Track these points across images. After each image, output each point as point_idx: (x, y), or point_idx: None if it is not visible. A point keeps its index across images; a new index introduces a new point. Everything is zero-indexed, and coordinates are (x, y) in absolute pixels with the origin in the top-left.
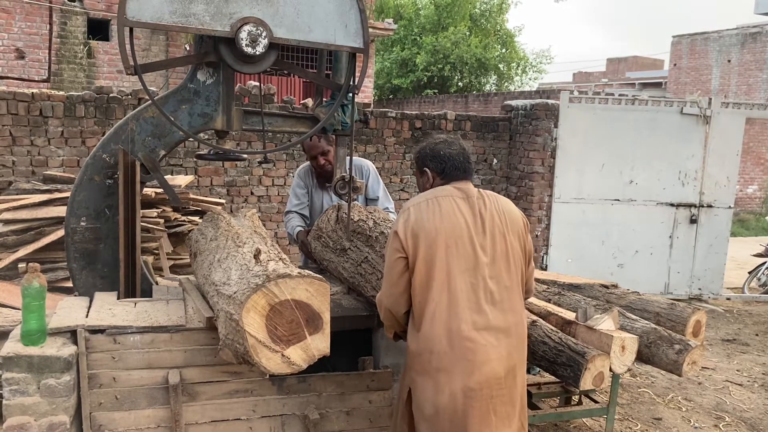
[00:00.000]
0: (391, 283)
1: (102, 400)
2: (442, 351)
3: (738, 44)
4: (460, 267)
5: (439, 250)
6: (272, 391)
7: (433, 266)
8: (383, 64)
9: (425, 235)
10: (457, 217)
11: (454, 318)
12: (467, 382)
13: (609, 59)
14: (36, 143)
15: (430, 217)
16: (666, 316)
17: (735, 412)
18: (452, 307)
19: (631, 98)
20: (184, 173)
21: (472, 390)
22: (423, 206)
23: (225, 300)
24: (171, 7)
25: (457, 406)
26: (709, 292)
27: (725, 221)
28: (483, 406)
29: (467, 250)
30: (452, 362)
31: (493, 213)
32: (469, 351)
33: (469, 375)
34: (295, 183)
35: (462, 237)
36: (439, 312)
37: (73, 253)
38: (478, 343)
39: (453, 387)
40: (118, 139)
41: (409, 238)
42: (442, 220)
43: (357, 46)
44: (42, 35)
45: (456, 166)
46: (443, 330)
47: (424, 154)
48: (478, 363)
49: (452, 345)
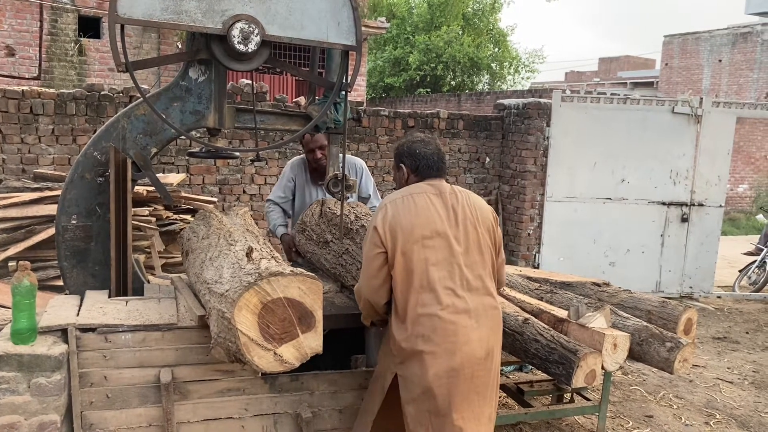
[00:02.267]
0: (370, 276)
1: (93, 398)
2: (426, 335)
3: (729, 44)
4: (436, 257)
5: (416, 243)
6: (264, 390)
7: (411, 258)
8: (376, 62)
9: (402, 230)
10: (431, 212)
11: (435, 304)
12: (451, 363)
13: (601, 59)
14: (26, 141)
15: (406, 212)
16: (657, 314)
17: (725, 410)
18: (432, 294)
19: (623, 97)
20: (176, 171)
21: (454, 370)
22: (399, 203)
23: (217, 298)
24: (163, 4)
25: (442, 385)
26: (700, 290)
27: (716, 220)
28: (465, 385)
29: (442, 242)
30: (437, 344)
31: (464, 206)
32: (452, 333)
33: (452, 355)
34: (285, 174)
35: (436, 230)
36: (420, 300)
37: (64, 251)
38: (459, 325)
39: (438, 368)
40: (109, 137)
41: (388, 233)
42: (418, 215)
43: (349, 44)
44: (32, 32)
45: (429, 165)
46: (426, 316)
47: (402, 151)
48: (460, 344)
49: (435, 329)
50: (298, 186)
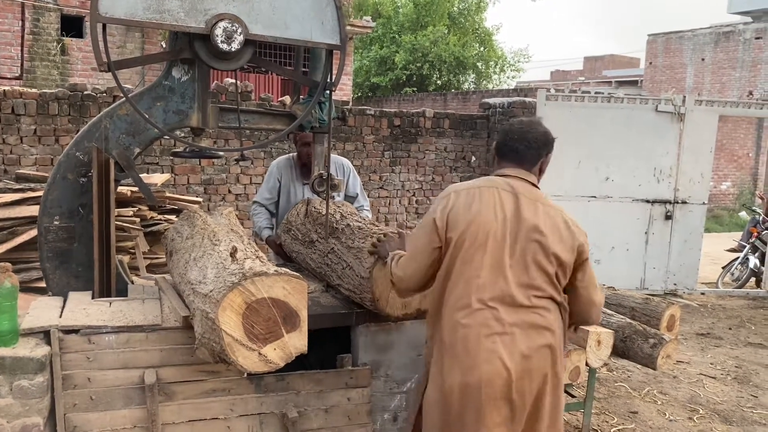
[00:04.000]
0: (418, 269)
1: (77, 401)
2: (448, 341)
3: (712, 43)
4: (484, 262)
5: (467, 241)
6: (250, 390)
7: (457, 256)
8: (362, 62)
9: (457, 224)
10: (495, 212)
11: (467, 313)
12: (466, 378)
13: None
14: (8, 141)
15: (468, 207)
16: (641, 310)
17: (708, 405)
18: (467, 300)
19: (607, 96)
20: (161, 171)
21: (469, 386)
22: (463, 195)
23: (201, 299)
24: (145, 3)
25: (452, 400)
26: (684, 287)
27: (699, 217)
28: (481, 405)
29: (495, 247)
30: (455, 355)
31: (537, 220)
32: (472, 348)
33: (470, 371)
34: (272, 174)
35: (493, 233)
36: (454, 303)
37: (47, 252)
38: (484, 341)
39: (452, 380)
40: (91, 137)
41: (446, 227)
42: (480, 212)
43: (334, 43)
44: (14, 32)
45: (507, 144)
46: (452, 321)
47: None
48: (480, 361)
49: (456, 337)
50: (284, 185)
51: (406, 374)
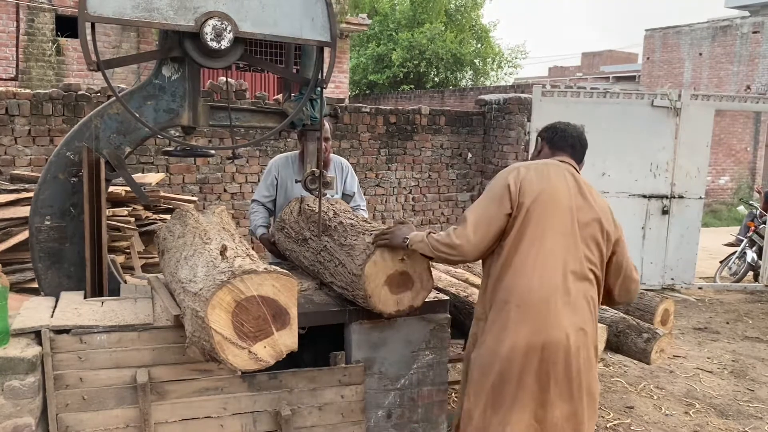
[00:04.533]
0: (485, 235)
1: (69, 401)
2: (515, 304)
3: (709, 37)
4: (554, 229)
5: (539, 207)
6: (243, 388)
7: (530, 222)
8: (359, 60)
9: (530, 191)
10: (562, 184)
11: (538, 276)
12: (531, 340)
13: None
14: (2, 142)
15: (539, 177)
16: (635, 305)
17: (705, 399)
18: (538, 265)
19: (603, 91)
20: (156, 171)
21: (533, 348)
22: (532, 167)
23: (191, 297)
24: (133, 1)
25: (514, 360)
26: (682, 281)
27: (696, 212)
28: (542, 369)
29: (565, 216)
30: (523, 317)
31: (594, 195)
32: (543, 310)
33: (534, 334)
34: (270, 172)
35: (564, 203)
36: (524, 266)
37: (38, 252)
38: (553, 307)
39: (516, 340)
40: (82, 137)
41: (518, 191)
42: (549, 182)
43: (324, 39)
44: (9, 33)
45: (565, 138)
46: (524, 284)
47: (543, 128)
48: (548, 326)
49: (527, 301)
50: (281, 183)
51: (399, 371)
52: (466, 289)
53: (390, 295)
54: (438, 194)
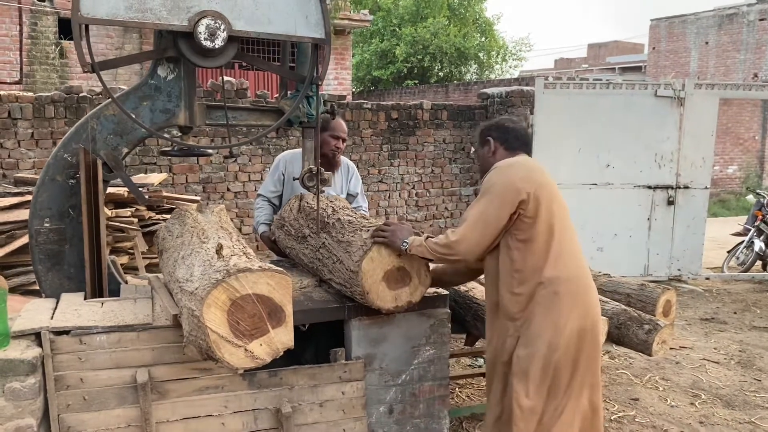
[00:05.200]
0: (480, 235)
1: (70, 401)
2: (564, 293)
3: (715, 26)
4: (565, 218)
5: (548, 199)
6: (243, 387)
7: (548, 213)
8: (363, 56)
9: (537, 184)
10: (548, 175)
11: (575, 264)
12: (582, 323)
13: (590, 45)
14: (6, 146)
15: (537, 171)
16: (636, 297)
17: (711, 390)
18: (570, 251)
19: (605, 83)
20: (159, 171)
21: (584, 330)
22: (524, 162)
23: (187, 296)
24: (127, 2)
25: (570, 347)
26: (689, 272)
27: (702, 202)
28: (592, 348)
29: (564, 204)
30: (573, 304)
31: None
32: (586, 295)
33: (584, 317)
34: (277, 168)
35: (558, 192)
36: (561, 256)
37: (38, 254)
38: (591, 290)
39: (571, 325)
40: (79, 139)
41: (530, 191)
42: (544, 174)
43: (318, 36)
44: (12, 36)
45: (518, 137)
46: (567, 273)
47: (488, 126)
48: (591, 305)
49: (574, 289)
50: (288, 179)
51: (400, 366)
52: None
53: (388, 291)
54: (441, 189)
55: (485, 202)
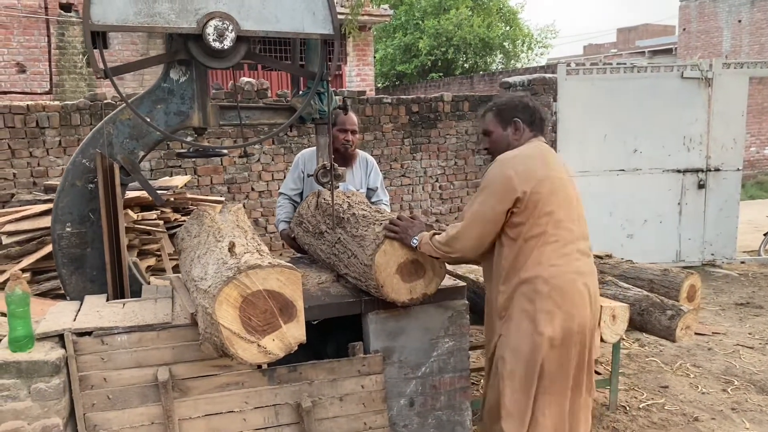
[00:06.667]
0: (479, 233)
1: (95, 400)
2: (545, 292)
3: (748, 3)
4: (565, 215)
5: (546, 195)
6: (263, 382)
7: (541, 210)
8: (386, 51)
9: (535, 180)
10: (560, 167)
11: (564, 260)
12: (567, 325)
13: (619, 29)
14: (35, 154)
15: (541, 164)
16: (659, 282)
17: (744, 376)
18: (563, 249)
19: (630, 66)
20: (183, 173)
21: (570, 332)
22: (529, 155)
23: (202, 294)
24: (135, 7)
25: (555, 346)
26: (723, 256)
27: (734, 184)
28: (581, 350)
29: (571, 199)
30: (556, 304)
31: (569, 173)
32: (572, 295)
33: (569, 318)
34: (296, 166)
35: (568, 186)
36: (549, 255)
37: (61, 258)
38: (578, 289)
39: (554, 327)
40: (96, 144)
41: (527, 188)
42: (550, 168)
43: (326, 32)
44: (41, 48)
45: (542, 118)
46: (549, 271)
47: (513, 105)
48: (578, 305)
49: (556, 287)
50: (308, 175)
51: (419, 359)
52: None
53: (402, 284)
54: (465, 181)
55: (483, 198)
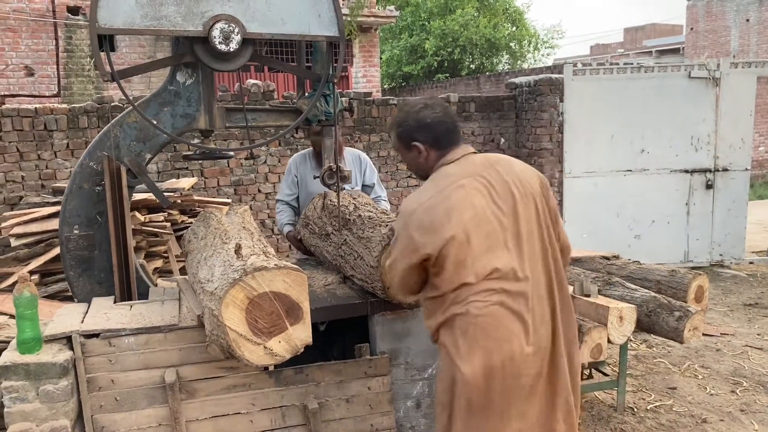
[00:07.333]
0: (410, 285)
1: (102, 402)
2: (464, 329)
3: (756, 2)
4: (487, 247)
5: (466, 246)
6: (270, 384)
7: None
8: (392, 52)
9: (445, 242)
10: (473, 203)
11: (489, 294)
12: (486, 361)
13: (626, 29)
14: (43, 157)
15: (443, 220)
16: (667, 283)
17: (753, 377)
18: (488, 283)
19: (636, 66)
20: (190, 176)
21: (491, 369)
22: (429, 201)
23: (208, 296)
24: (142, 11)
25: (479, 382)
26: (731, 257)
27: (742, 184)
28: (507, 385)
29: (493, 230)
30: (478, 340)
31: (507, 183)
32: (497, 328)
33: (490, 354)
34: (290, 171)
35: (484, 219)
36: (471, 289)
37: (69, 261)
38: (502, 323)
39: (476, 364)
40: (103, 147)
41: (436, 245)
42: (462, 211)
43: (332, 34)
44: (49, 51)
45: (449, 129)
46: (469, 308)
47: (408, 127)
48: (504, 340)
49: (479, 321)
50: (301, 180)
51: (426, 360)
52: None
53: None
54: None
55: (396, 252)
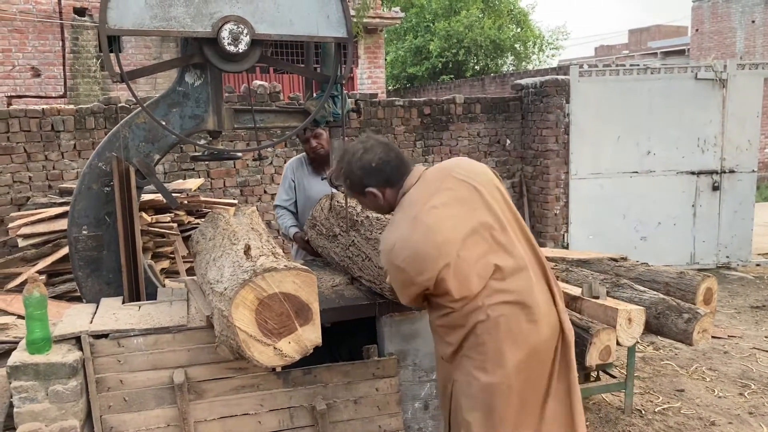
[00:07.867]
0: (418, 303)
1: (111, 402)
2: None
3: (762, 3)
4: (481, 251)
5: (457, 259)
6: (278, 385)
7: (459, 269)
8: (397, 53)
9: (439, 271)
10: (450, 219)
11: (488, 302)
12: (518, 355)
13: (631, 30)
14: (50, 158)
15: (431, 254)
16: (675, 285)
17: (761, 379)
18: (499, 285)
19: (643, 68)
20: (197, 176)
21: (528, 357)
22: (415, 243)
23: (217, 297)
24: (151, 12)
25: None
26: (738, 259)
27: (749, 186)
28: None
29: (478, 234)
30: (501, 341)
31: (469, 183)
32: (510, 325)
33: (521, 347)
34: (286, 176)
35: (466, 229)
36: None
37: (78, 261)
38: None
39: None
40: (112, 147)
41: (431, 275)
42: (443, 233)
43: (340, 36)
44: (55, 52)
45: (396, 166)
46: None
47: (356, 177)
48: (522, 333)
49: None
50: (298, 183)
51: (433, 362)
52: None
53: None
54: None
55: (395, 285)
